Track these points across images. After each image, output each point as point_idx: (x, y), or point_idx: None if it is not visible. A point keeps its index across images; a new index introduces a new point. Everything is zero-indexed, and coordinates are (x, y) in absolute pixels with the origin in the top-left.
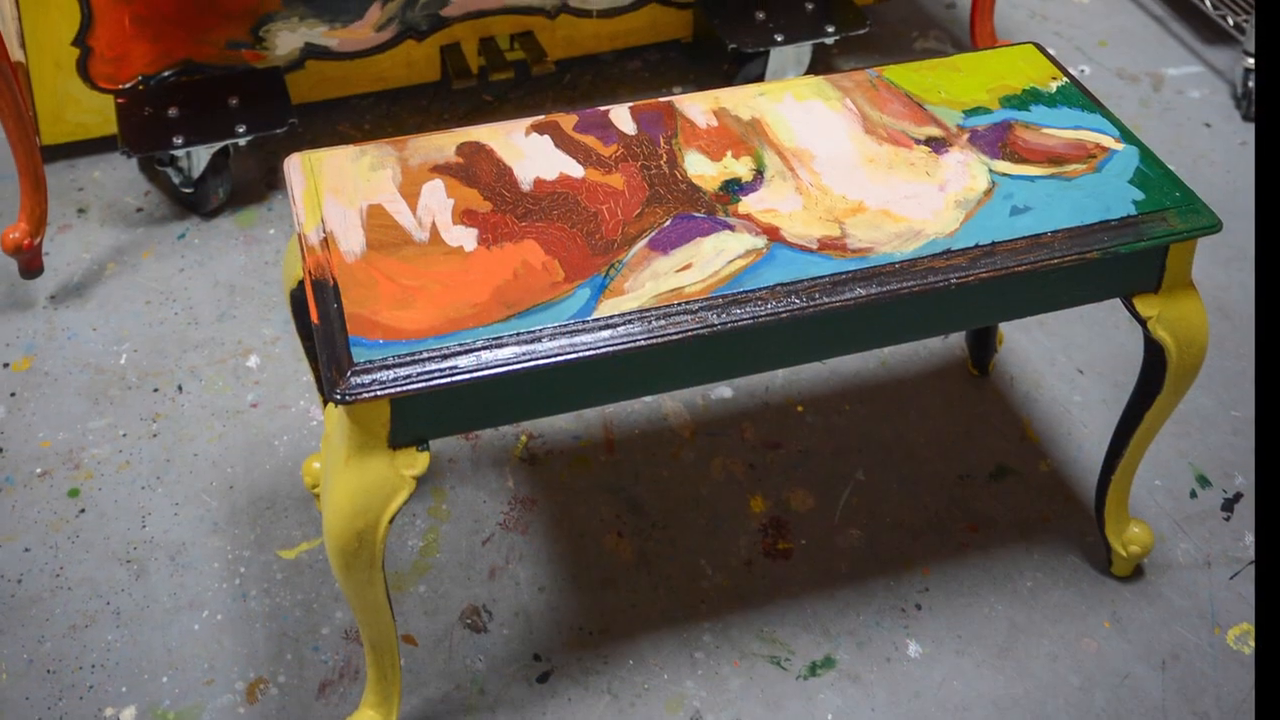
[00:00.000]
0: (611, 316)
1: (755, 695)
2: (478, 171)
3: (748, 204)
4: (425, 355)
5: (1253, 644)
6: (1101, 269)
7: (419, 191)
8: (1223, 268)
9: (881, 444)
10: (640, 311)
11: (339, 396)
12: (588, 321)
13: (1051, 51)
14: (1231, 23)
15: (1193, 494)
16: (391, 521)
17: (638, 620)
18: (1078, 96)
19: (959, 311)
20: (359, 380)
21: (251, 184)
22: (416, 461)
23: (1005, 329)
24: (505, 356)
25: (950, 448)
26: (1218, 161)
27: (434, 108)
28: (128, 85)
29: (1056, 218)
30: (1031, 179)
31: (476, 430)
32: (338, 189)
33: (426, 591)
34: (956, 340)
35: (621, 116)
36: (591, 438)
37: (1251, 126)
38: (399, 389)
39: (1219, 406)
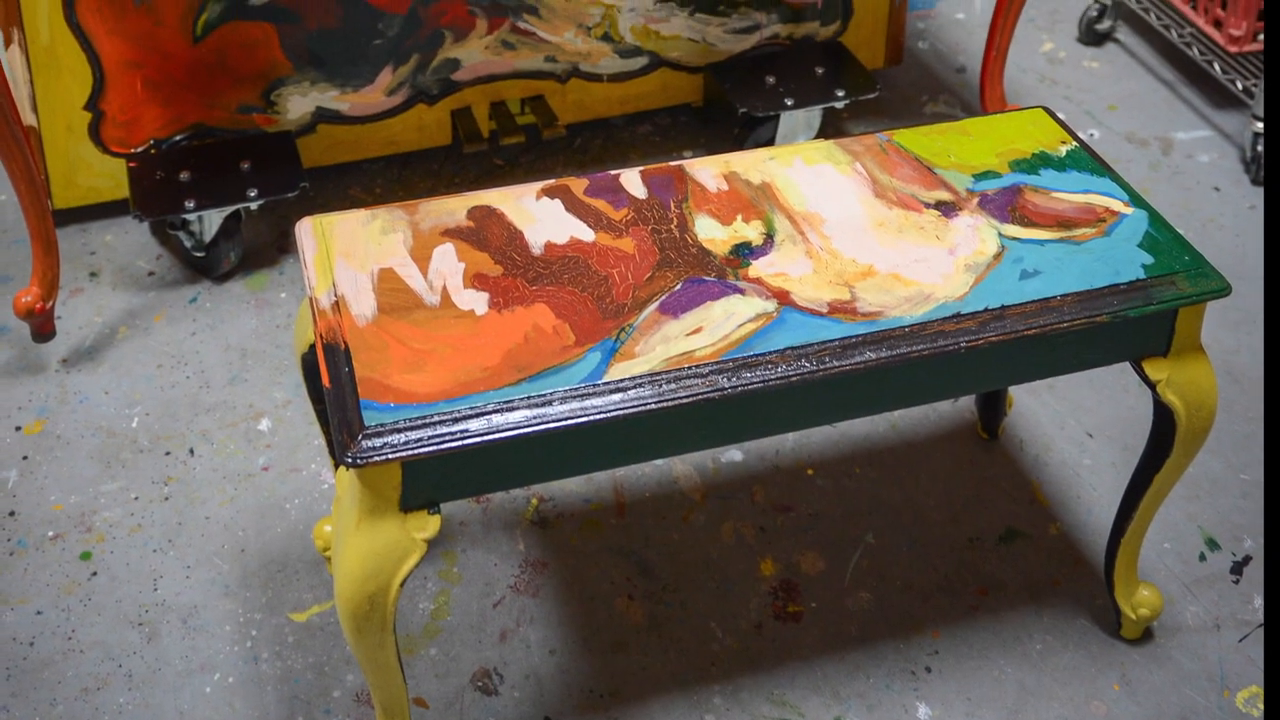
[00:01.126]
0: (622, 380)
1: None
2: (488, 235)
3: (758, 268)
4: (436, 419)
5: (1262, 707)
6: (1111, 333)
7: (430, 255)
8: (1231, 331)
9: (891, 507)
10: (651, 375)
11: (350, 460)
12: (598, 385)
13: (1061, 116)
14: (1240, 87)
15: (1202, 557)
16: (403, 584)
17: (648, 683)
18: (1087, 160)
19: (969, 375)
20: (370, 444)
21: (263, 248)
22: (427, 525)
23: (1015, 392)
24: (516, 420)
25: (960, 511)
26: (1227, 225)
27: (445, 171)
28: (139, 149)
29: (1066, 281)
30: (1041, 243)
31: (487, 493)
32: (349, 253)
33: (438, 654)
34: (966, 404)
35: (632, 180)
36: (602, 501)
37: (1260, 190)
38: (410, 452)
39: (1228, 470)
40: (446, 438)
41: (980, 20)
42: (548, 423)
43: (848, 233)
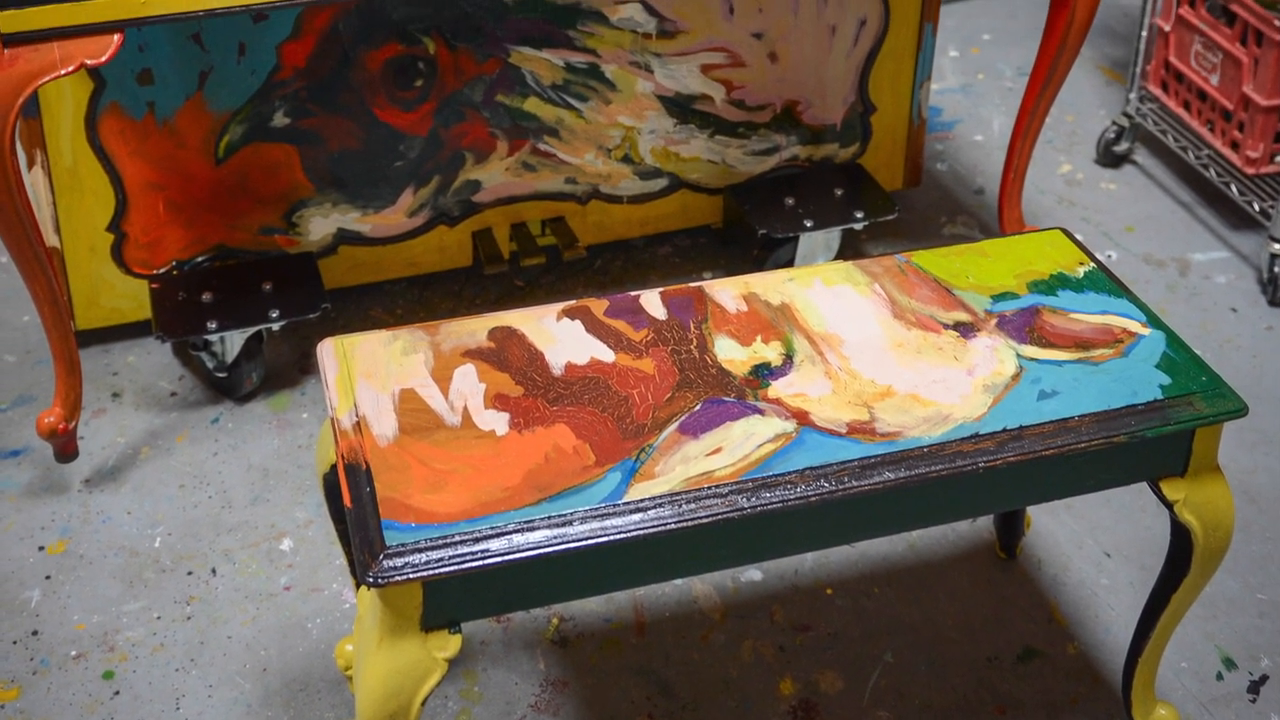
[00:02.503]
0: (642, 500)
1: None
2: (509, 356)
3: (777, 388)
4: (457, 539)
5: None
6: (1128, 453)
7: (451, 376)
8: (1248, 452)
9: (910, 626)
10: (670, 495)
11: (372, 579)
12: (619, 505)
13: (1079, 237)
14: (1258, 208)
15: (1219, 676)
16: (424, 703)
17: None
18: (1105, 282)
19: (987, 495)
20: (391, 563)
21: (284, 368)
22: (448, 644)
23: (1033, 512)
24: (537, 540)
25: (978, 630)
26: (1244, 346)
27: (466, 292)
28: (162, 270)
29: (1083, 402)
30: (1059, 363)
31: (508, 613)
32: (370, 373)
33: None
34: (984, 523)
35: (652, 301)
36: (622, 620)
37: (1277, 311)
38: (431, 572)
39: (1245, 589)
40: (467, 557)
41: (998, 142)
42: (568, 543)
43: (867, 353)
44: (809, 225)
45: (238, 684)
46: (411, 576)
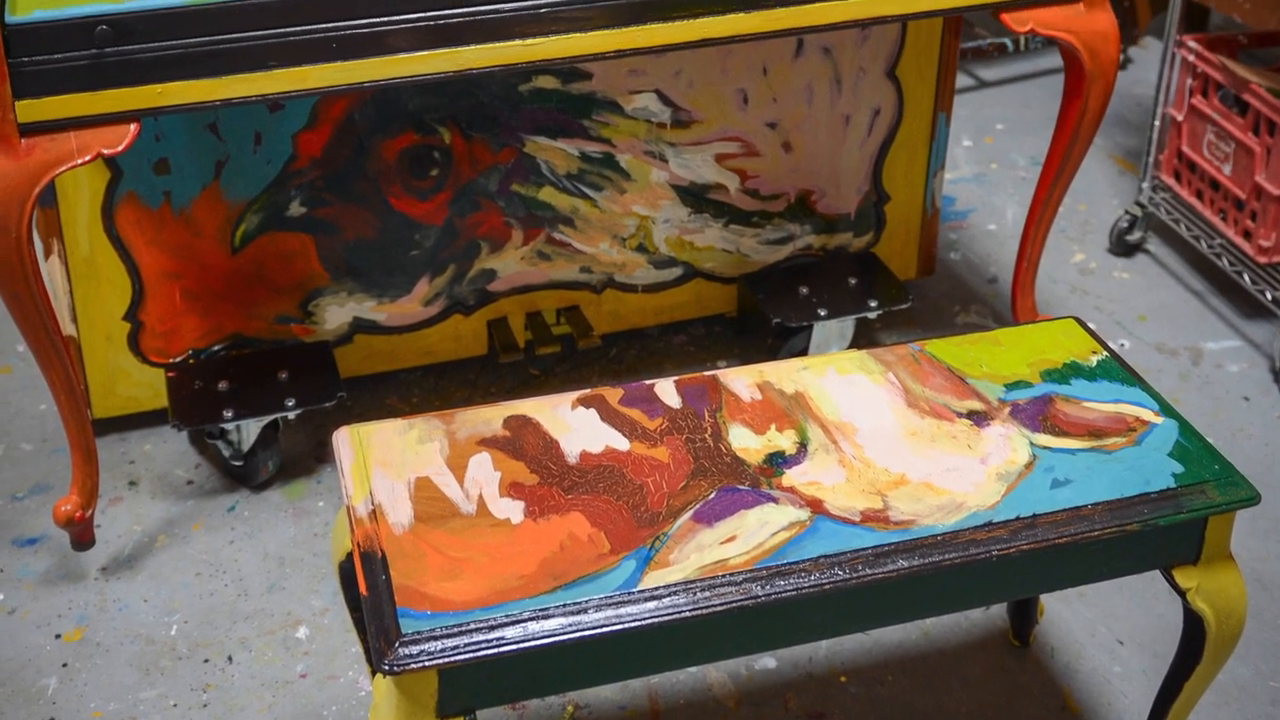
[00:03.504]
0: (657, 588)
1: None
2: (524, 444)
3: (791, 477)
4: (473, 626)
5: None
6: (1141, 541)
7: (466, 464)
8: (1261, 540)
9: (924, 714)
10: (685, 583)
11: (387, 667)
12: (633, 593)
13: (1092, 326)
14: (1270, 297)
15: None
16: None
17: None
18: (1118, 370)
19: (1000, 583)
20: (407, 651)
21: (300, 457)
22: None
23: (1046, 600)
24: (552, 628)
25: (991, 718)
26: (1256, 434)
27: (481, 381)
28: (178, 359)
29: (1097, 490)
30: (1072, 452)
31: (523, 700)
32: (386, 462)
33: None
34: (998, 611)
35: (666, 390)
36: (637, 708)
37: None
38: (446, 660)
39: (1257, 677)
40: (483, 645)
41: (1012, 231)
42: (583, 630)
43: (880, 442)
44: (823, 314)
45: None
46: (427, 664)
